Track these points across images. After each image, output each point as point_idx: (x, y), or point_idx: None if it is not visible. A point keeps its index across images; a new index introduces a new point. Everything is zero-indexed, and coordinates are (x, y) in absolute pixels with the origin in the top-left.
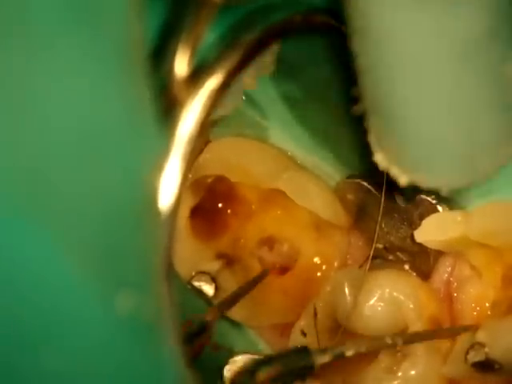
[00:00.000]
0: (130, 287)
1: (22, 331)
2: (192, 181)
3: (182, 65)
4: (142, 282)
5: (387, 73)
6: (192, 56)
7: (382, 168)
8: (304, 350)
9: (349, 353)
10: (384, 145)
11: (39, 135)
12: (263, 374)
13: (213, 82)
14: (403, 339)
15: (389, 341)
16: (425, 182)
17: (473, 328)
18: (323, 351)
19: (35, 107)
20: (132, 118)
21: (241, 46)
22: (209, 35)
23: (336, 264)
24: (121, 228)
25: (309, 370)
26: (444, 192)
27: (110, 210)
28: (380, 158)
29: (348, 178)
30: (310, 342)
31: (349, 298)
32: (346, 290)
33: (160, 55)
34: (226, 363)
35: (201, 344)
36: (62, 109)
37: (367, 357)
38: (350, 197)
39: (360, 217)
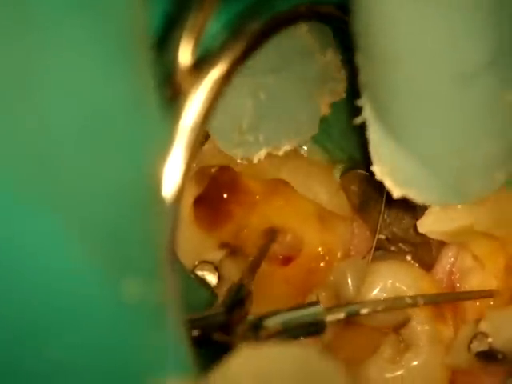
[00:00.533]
0: (136, 274)
1: (26, 319)
2: (196, 170)
3: (185, 54)
4: (147, 268)
5: (389, 88)
6: (196, 45)
7: (377, 178)
8: (314, 304)
9: (364, 310)
10: (380, 157)
11: (43, 119)
12: (269, 327)
13: (217, 72)
14: (424, 299)
15: (408, 300)
16: (416, 197)
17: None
18: (337, 308)
19: (39, 91)
20: (137, 104)
21: (245, 36)
22: (213, 24)
23: (339, 255)
24: (126, 215)
25: (320, 327)
26: (434, 207)
27: (115, 197)
28: (376, 169)
29: (352, 168)
30: None
31: (351, 287)
32: (349, 281)
33: (164, 44)
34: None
35: (242, 315)
36: (65, 93)
37: (370, 347)
38: (353, 188)
39: (363, 208)
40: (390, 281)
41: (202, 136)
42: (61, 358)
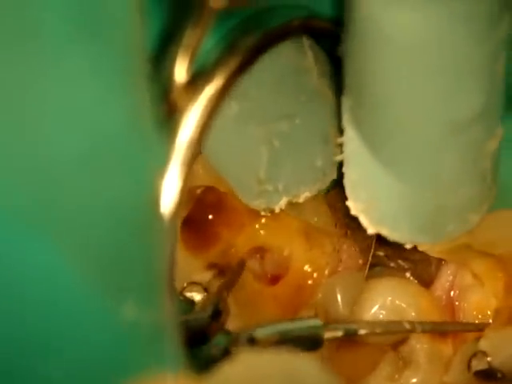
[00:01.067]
0: (135, 294)
1: (26, 340)
2: None
3: (181, 71)
4: (145, 289)
5: (378, 130)
6: (191, 62)
7: (352, 213)
8: (313, 320)
9: (362, 331)
10: (357, 194)
11: (43, 142)
12: (264, 337)
13: (212, 88)
14: (422, 327)
15: (407, 326)
16: (388, 234)
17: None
18: (335, 325)
19: (39, 115)
20: (135, 125)
21: (239, 51)
22: (207, 41)
23: (327, 271)
24: (125, 236)
25: (317, 342)
26: (408, 246)
27: (115, 218)
28: (351, 205)
29: (338, 186)
30: None
31: (341, 304)
32: (338, 296)
33: (160, 61)
34: None
35: (216, 327)
36: (65, 116)
37: (369, 364)
38: (339, 205)
39: (351, 225)
40: (390, 298)
41: (197, 152)
42: (58, 378)
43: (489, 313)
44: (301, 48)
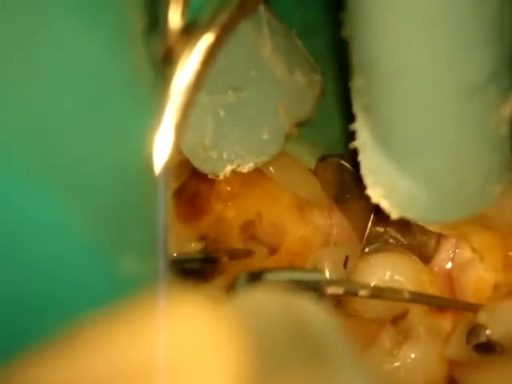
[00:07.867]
0: (133, 249)
1: (26, 294)
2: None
3: (175, 16)
4: (143, 244)
5: (395, 108)
6: (185, 6)
7: (373, 201)
8: (316, 273)
9: (362, 292)
10: (378, 180)
11: (43, 96)
12: (268, 282)
13: (208, 35)
14: (421, 299)
15: (406, 295)
16: (415, 217)
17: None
18: (338, 282)
19: (39, 70)
20: (132, 81)
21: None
22: None
23: (318, 244)
24: (123, 189)
25: (319, 294)
26: (433, 228)
27: (114, 171)
28: (371, 193)
29: (327, 157)
30: None
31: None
32: (326, 270)
33: (153, 7)
34: None
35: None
36: (65, 70)
37: (367, 339)
38: (328, 176)
39: (340, 196)
40: (389, 272)
41: (194, 99)
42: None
43: (488, 287)
44: (257, 23)
